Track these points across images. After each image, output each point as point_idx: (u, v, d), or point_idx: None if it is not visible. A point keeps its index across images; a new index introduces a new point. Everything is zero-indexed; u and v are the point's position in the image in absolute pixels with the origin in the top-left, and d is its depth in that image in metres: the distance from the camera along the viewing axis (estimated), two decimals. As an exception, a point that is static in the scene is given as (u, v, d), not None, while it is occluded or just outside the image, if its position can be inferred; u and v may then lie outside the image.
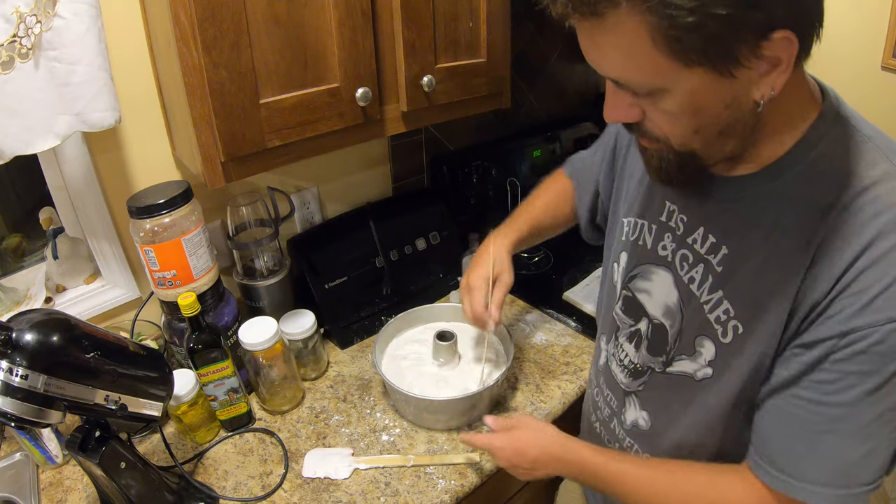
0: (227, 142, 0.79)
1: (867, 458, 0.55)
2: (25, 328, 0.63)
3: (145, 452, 0.96)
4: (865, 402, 0.52)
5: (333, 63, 0.85)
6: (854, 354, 0.52)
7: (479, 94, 1.07)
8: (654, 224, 0.71)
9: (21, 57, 0.74)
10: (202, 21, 0.71)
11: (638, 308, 0.73)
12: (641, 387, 0.75)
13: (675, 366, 0.69)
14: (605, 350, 0.82)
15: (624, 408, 0.79)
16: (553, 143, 1.72)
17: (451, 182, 1.48)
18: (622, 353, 0.78)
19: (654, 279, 0.71)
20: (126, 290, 1.10)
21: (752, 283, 0.58)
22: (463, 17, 0.99)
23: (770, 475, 0.59)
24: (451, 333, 1.04)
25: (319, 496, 0.88)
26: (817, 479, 0.56)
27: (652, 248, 0.72)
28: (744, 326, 0.59)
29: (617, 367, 0.79)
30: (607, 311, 0.82)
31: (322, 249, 1.23)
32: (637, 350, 0.74)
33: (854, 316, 0.51)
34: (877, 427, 0.53)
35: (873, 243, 0.50)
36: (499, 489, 1.05)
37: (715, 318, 0.62)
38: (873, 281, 0.50)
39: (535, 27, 1.60)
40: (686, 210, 0.66)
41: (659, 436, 0.74)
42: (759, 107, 0.50)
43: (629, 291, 0.75)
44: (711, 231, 0.63)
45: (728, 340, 0.61)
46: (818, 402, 0.55)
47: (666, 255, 0.69)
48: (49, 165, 0.99)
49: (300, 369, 1.10)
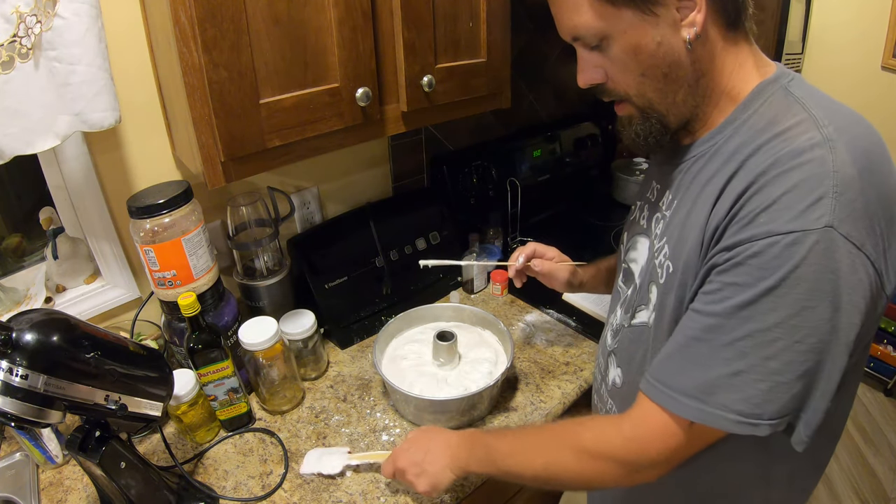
0: (227, 142, 0.79)
1: (735, 378, 0.55)
2: (25, 328, 0.63)
3: (145, 452, 0.96)
4: (737, 317, 0.54)
5: (333, 63, 0.85)
6: (733, 266, 0.55)
7: (479, 94, 1.07)
8: (641, 201, 0.80)
9: (21, 57, 0.74)
10: (202, 21, 0.71)
11: (630, 276, 0.79)
12: (616, 345, 0.80)
13: (637, 318, 0.74)
14: (608, 324, 0.86)
15: (607, 369, 0.83)
16: (553, 143, 1.73)
17: (451, 182, 1.48)
18: (613, 318, 0.83)
19: (638, 247, 0.78)
20: (126, 290, 1.10)
21: (680, 225, 0.65)
22: (463, 17, 0.99)
23: (647, 383, 0.63)
24: (451, 333, 1.04)
25: (319, 496, 0.88)
26: (683, 387, 0.58)
27: (637, 221, 0.80)
28: (673, 264, 0.65)
29: (609, 332, 0.84)
30: (616, 290, 0.86)
31: (322, 249, 1.23)
32: (622, 312, 0.80)
33: (738, 231, 0.54)
34: (746, 346, 0.54)
35: (767, 171, 0.54)
36: (499, 489, 1.05)
37: (658, 262, 0.68)
38: (760, 201, 0.53)
39: (535, 27, 1.60)
40: (661, 180, 0.74)
41: (630, 389, 0.75)
42: (689, 45, 0.58)
43: (625, 263, 0.81)
44: (670, 190, 0.70)
45: (663, 281, 0.66)
46: (698, 311, 0.59)
47: (643, 223, 0.77)
48: (49, 165, 0.99)
49: (300, 369, 1.10)
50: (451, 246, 1.41)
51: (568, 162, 1.77)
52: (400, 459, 0.81)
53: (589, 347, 1.19)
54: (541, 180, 1.69)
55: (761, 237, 0.52)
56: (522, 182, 1.52)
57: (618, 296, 0.83)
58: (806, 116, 0.56)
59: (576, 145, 1.79)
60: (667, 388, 0.60)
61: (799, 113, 0.57)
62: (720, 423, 0.56)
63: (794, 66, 2.24)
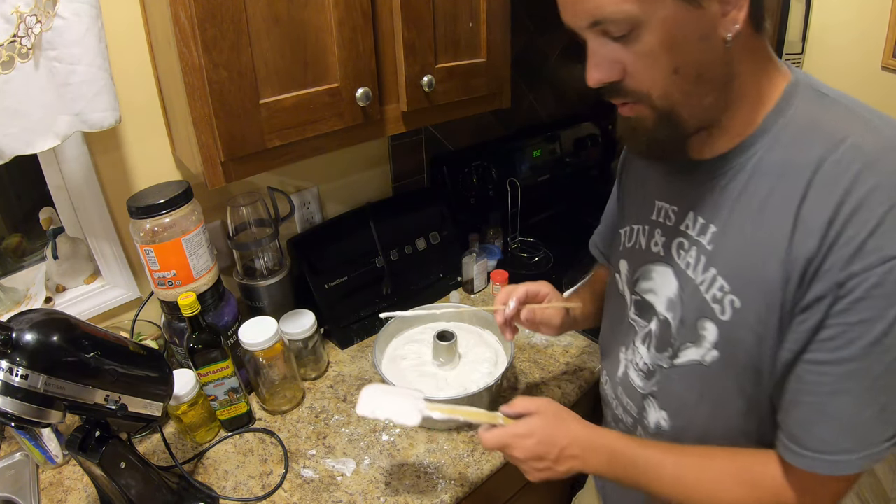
0: (227, 142, 0.79)
1: (883, 413, 0.52)
2: (25, 328, 0.63)
3: (145, 452, 0.96)
4: (873, 354, 0.50)
5: (333, 63, 0.85)
6: (853, 303, 0.50)
7: (479, 94, 1.07)
8: (647, 225, 0.73)
9: (21, 57, 0.74)
10: (202, 21, 0.71)
11: (648, 308, 0.73)
12: (656, 386, 0.73)
13: (682, 356, 0.67)
14: (623, 359, 0.79)
15: (644, 412, 0.75)
16: (553, 143, 1.73)
17: (451, 182, 1.48)
18: (637, 356, 0.76)
19: (654, 276, 0.71)
20: (126, 290, 1.10)
21: (741, 254, 0.58)
22: (463, 17, 0.99)
23: (794, 453, 0.57)
24: (451, 333, 1.04)
25: (319, 496, 0.88)
26: (843, 448, 0.54)
27: (646, 247, 0.73)
28: (740, 300, 0.59)
29: (634, 372, 0.77)
30: (618, 321, 0.80)
31: (322, 249, 1.23)
32: (649, 351, 0.73)
33: (847, 264, 0.50)
34: (889, 380, 0.51)
35: (852, 190, 0.50)
36: (499, 489, 1.06)
37: (711, 297, 0.62)
38: (859, 226, 0.49)
39: (535, 27, 1.60)
40: (676, 201, 0.68)
41: (683, 431, 0.71)
42: (728, 43, 0.52)
43: (637, 295, 0.75)
44: (700, 213, 0.64)
45: (727, 317, 0.60)
46: (824, 362, 0.53)
47: (658, 250, 0.71)
48: (49, 165, 0.99)
49: (300, 369, 1.10)
50: (451, 245, 1.41)
51: (568, 162, 1.77)
52: (517, 448, 0.70)
53: (588, 347, 1.19)
54: (541, 180, 1.69)
55: (876, 265, 0.48)
56: (522, 182, 1.52)
57: (630, 330, 0.77)
58: (856, 122, 0.53)
59: (576, 145, 1.79)
60: (821, 455, 0.55)
61: (847, 117, 0.54)
62: (881, 457, 0.54)
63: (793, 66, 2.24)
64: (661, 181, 0.72)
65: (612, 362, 0.82)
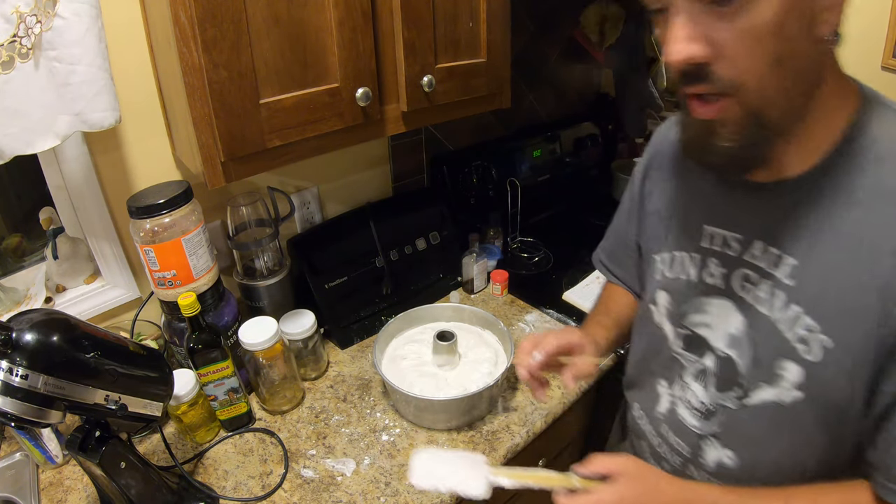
0: (227, 142, 0.79)
1: None
2: (25, 328, 0.63)
3: (145, 452, 0.96)
4: None
5: (333, 63, 0.85)
6: None
7: (479, 94, 1.07)
8: (695, 253, 0.66)
9: (21, 57, 0.74)
10: (202, 21, 0.71)
11: (701, 343, 0.67)
12: (719, 427, 0.67)
13: (755, 396, 0.62)
14: (668, 395, 0.73)
15: (701, 451, 0.70)
16: (553, 143, 1.73)
17: (451, 182, 1.48)
18: (688, 393, 0.70)
19: (710, 310, 0.65)
20: (126, 290, 1.10)
21: (833, 291, 0.53)
22: (463, 17, 0.99)
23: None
24: (451, 333, 1.04)
25: (319, 496, 0.88)
26: None
27: (698, 279, 0.66)
28: (833, 340, 0.53)
29: (685, 410, 0.71)
30: (653, 353, 0.76)
31: (322, 249, 1.23)
32: (705, 389, 0.67)
33: None
34: None
35: None
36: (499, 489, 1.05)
37: (795, 336, 0.56)
38: None
39: (535, 27, 1.60)
40: (736, 227, 0.61)
41: (752, 469, 0.66)
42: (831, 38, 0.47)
43: (685, 329, 0.69)
44: (772, 243, 0.57)
45: (816, 358, 0.55)
46: None
47: (715, 282, 0.64)
48: (49, 165, 0.99)
49: (300, 369, 1.10)
50: (451, 245, 1.41)
51: (568, 162, 1.77)
52: None
53: (589, 347, 1.19)
54: (541, 180, 1.69)
55: None
56: (522, 182, 1.52)
57: (673, 363, 0.71)
58: None
59: (576, 145, 1.79)
60: None
61: None
62: None
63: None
64: (713, 202, 0.64)
65: (649, 396, 0.77)
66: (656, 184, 0.76)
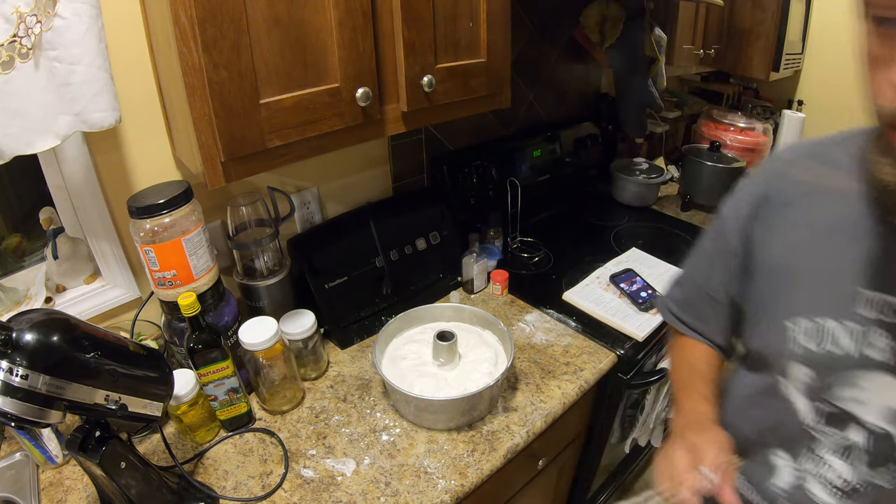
0: (227, 142, 0.79)
1: None
2: (25, 328, 0.63)
3: (145, 452, 0.96)
4: None
5: (333, 63, 0.85)
6: None
7: (479, 94, 1.07)
8: (851, 322, 0.58)
9: (21, 57, 0.74)
10: (202, 21, 0.71)
11: (847, 418, 0.61)
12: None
13: None
14: (793, 469, 0.68)
15: None
16: (553, 143, 1.73)
17: (451, 182, 1.48)
18: (827, 469, 0.64)
19: (864, 385, 0.59)
20: (126, 290, 1.10)
21: None
22: (463, 17, 0.99)
23: None
24: (451, 333, 1.04)
25: (319, 496, 0.88)
26: None
27: (858, 353, 0.58)
28: None
29: (820, 486, 0.65)
30: (772, 423, 0.70)
31: (322, 249, 1.23)
32: (852, 466, 0.62)
33: None
34: None
35: None
36: (499, 489, 1.06)
37: None
38: None
39: (535, 27, 1.60)
40: None
41: None
42: None
43: (829, 404, 0.62)
44: None
45: None
46: None
47: (882, 357, 0.56)
48: (49, 165, 0.99)
49: (300, 369, 1.10)
50: (451, 246, 1.41)
51: (568, 162, 1.77)
52: None
53: (589, 347, 1.19)
54: (541, 180, 1.69)
55: None
56: (522, 182, 1.52)
57: (802, 436, 0.65)
58: None
59: (576, 145, 1.79)
60: None
61: None
62: None
63: (794, 66, 2.24)
64: (870, 259, 0.57)
65: (759, 466, 0.72)
66: (775, 231, 0.66)
